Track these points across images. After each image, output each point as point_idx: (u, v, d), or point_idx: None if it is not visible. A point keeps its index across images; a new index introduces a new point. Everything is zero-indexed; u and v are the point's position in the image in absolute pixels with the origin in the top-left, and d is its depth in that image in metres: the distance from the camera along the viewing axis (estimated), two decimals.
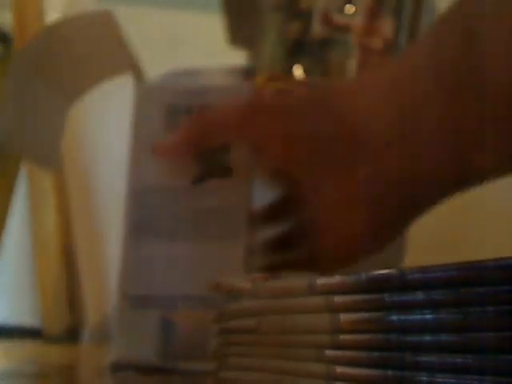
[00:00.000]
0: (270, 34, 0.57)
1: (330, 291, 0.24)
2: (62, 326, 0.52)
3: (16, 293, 0.57)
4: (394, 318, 0.22)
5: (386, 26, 0.57)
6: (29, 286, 0.55)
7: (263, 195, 0.46)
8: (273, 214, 0.43)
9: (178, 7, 0.68)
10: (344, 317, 0.23)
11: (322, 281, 0.25)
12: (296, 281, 0.26)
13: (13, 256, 0.57)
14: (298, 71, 0.56)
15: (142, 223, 0.42)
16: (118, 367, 0.40)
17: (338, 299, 0.24)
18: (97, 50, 0.49)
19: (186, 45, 0.67)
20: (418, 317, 0.22)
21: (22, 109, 0.45)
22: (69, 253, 0.54)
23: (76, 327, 0.52)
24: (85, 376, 0.42)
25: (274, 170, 0.40)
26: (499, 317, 0.20)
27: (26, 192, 0.56)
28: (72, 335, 0.52)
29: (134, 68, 0.48)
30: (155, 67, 0.66)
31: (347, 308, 0.24)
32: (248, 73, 0.51)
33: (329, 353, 0.24)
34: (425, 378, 0.22)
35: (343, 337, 0.23)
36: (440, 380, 0.21)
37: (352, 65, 0.56)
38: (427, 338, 0.22)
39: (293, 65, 0.56)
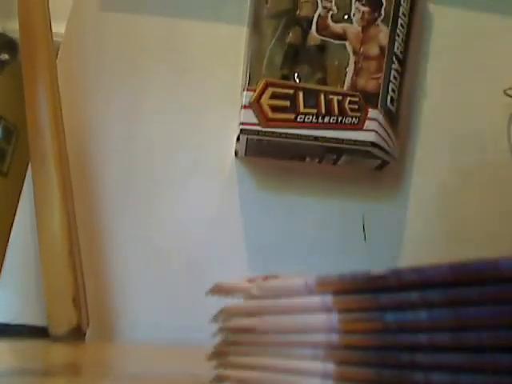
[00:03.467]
0: (270, 40, 0.57)
1: (326, 291, 0.24)
2: (68, 325, 0.52)
3: (23, 292, 0.57)
4: (390, 317, 0.23)
5: (382, 34, 0.57)
6: (35, 285, 0.56)
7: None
8: None
9: (180, 15, 0.68)
10: (340, 316, 0.24)
11: (318, 281, 0.25)
12: (293, 281, 0.26)
13: (20, 256, 0.58)
14: (296, 77, 0.56)
15: None
16: None
17: (335, 299, 0.24)
18: None
19: (185, 52, 0.67)
20: (413, 316, 0.22)
21: None
22: (74, 253, 0.55)
23: (81, 326, 0.53)
24: (88, 373, 0.42)
25: None
26: (493, 316, 0.20)
27: (32, 193, 0.57)
28: (78, 334, 0.53)
29: None
30: (155, 74, 0.66)
31: (343, 308, 0.24)
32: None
33: (325, 352, 0.24)
34: (420, 377, 0.22)
35: (339, 336, 0.24)
36: (435, 379, 0.22)
37: (349, 71, 0.56)
38: (422, 337, 0.22)
39: (291, 71, 0.56)
